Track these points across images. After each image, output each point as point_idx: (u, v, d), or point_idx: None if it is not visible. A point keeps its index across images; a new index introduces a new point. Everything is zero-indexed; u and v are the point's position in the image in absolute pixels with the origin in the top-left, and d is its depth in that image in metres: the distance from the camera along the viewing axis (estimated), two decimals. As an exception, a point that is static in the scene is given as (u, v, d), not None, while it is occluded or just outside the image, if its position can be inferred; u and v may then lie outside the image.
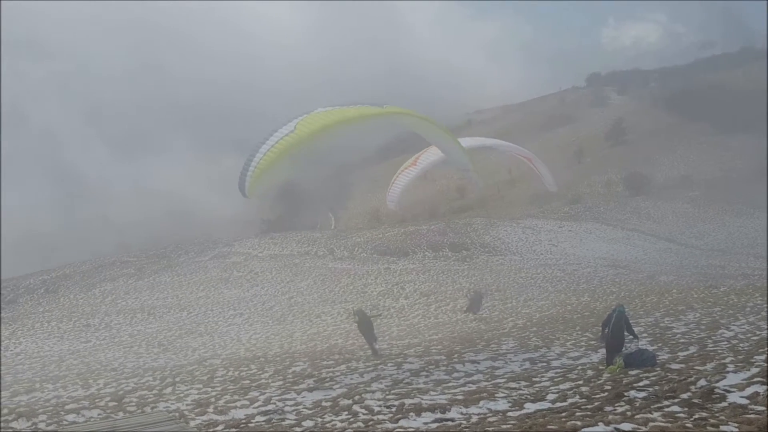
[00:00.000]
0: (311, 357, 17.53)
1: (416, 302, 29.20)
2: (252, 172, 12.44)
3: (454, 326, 22.78)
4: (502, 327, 21.23)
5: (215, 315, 29.56)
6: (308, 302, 31.29)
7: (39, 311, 36.30)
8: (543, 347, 16.18)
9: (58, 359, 21.66)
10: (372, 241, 50.26)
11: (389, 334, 22.05)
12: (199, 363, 18.42)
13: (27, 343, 25.79)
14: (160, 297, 36.08)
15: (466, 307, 25.62)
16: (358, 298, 31.53)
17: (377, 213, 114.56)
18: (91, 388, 15.75)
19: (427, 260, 44.19)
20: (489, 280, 34.87)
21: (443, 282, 34.65)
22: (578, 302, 26.41)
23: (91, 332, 27.45)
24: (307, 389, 13.34)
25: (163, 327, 27.35)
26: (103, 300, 37.08)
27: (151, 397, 14.05)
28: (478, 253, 45.49)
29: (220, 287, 37.30)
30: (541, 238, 49.35)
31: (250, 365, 16.96)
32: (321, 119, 12.52)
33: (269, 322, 26.92)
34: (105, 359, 20.98)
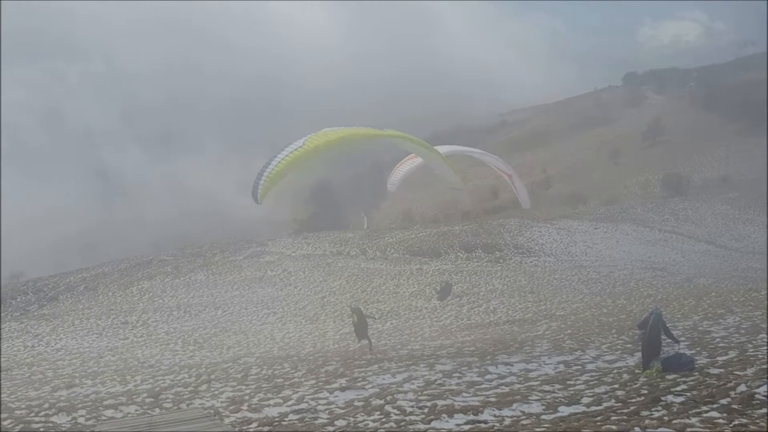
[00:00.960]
0: (343, 357, 17.62)
1: (448, 303, 29.09)
2: (263, 181, 14.18)
3: (486, 328, 22.64)
4: (535, 329, 21.03)
5: (249, 314, 29.89)
6: (340, 302, 31.42)
7: (79, 308, 37.14)
8: (578, 350, 15.98)
9: (97, 355, 22.13)
10: (404, 242, 50.23)
11: (421, 334, 22.03)
12: (233, 361, 18.65)
13: (67, 339, 26.41)
14: (196, 295, 36.62)
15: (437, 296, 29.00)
16: (390, 299, 31.57)
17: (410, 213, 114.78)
18: (128, 384, 16.06)
19: (459, 261, 44.00)
20: (522, 281, 34.59)
21: (476, 283, 34.48)
22: (614, 305, 26.01)
23: (129, 329, 27.98)
24: (339, 389, 13.41)
25: (198, 325, 27.75)
26: (140, 298, 37.78)
27: (187, 394, 14.27)
28: (511, 255, 45.12)
29: (254, 286, 37.69)
30: (576, 239, 48.73)
31: (284, 364, 17.11)
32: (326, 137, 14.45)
33: (302, 322, 27.11)
34: (142, 356, 21.37)
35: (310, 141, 14.25)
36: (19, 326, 29.99)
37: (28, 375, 18.90)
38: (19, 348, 25.08)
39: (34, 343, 25.94)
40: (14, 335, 27.89)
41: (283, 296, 34.22)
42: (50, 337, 26.98)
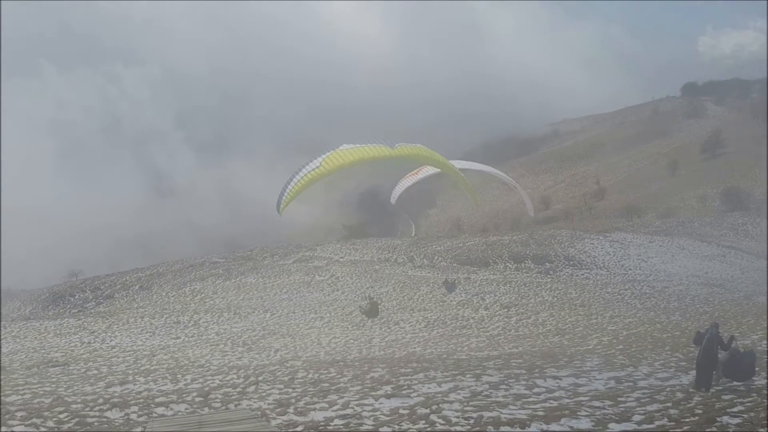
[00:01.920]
0: (389, 364, 17.61)
1: (496, 314, 28.79)
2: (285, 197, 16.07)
3: (535, 340, 22.30)
4: (586, 343, 20.61)
5: (297, 317, 30.18)
6: (387, 309, 31.44)
7: (133, 307, 38.22)
8: (629, 366, 15.60)
9: (150, 354, 22.70)
10: (452, 250, 49.96)
11: (468, 344, 21.85)
12: (280, 364, 18.86)
13: (122, 337, 27.19)
14: (246, 297, 37.21)
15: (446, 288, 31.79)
16: (436, 307, 31.43)
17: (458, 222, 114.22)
18: (179, 382, 16.41)
19: (508, 271, 43.51)
20: (573, 294, 33.96)
21: (525, 294, 34.02)
22: (668, 321, 25.29)
23: (181, 329, 28.61)
24: (384, 396, 13.41)
25: (247, 327, 28.17)
26: (192, 298, 38.61)
27: (235, 394, 14.50)
28: (562, 266, 44.35)
29: (303, 290, 38.07)
30: (630, 252, 47.56)
31: (330, 369, 17.21)
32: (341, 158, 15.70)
33: (349, 327, 27.23)
34: (193, 356, 21.81)
35: (326, 161, 15.59)
36: (76, 323, 31.02)
37: (84, 370, 19.52)
38: (76, 344, 25.92)
39: (90, 339, 26.76)
40: (72, 331, 28.85)
41: (331, 301, 34.45)
42: (106, 334, 27.80)
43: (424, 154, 17.45)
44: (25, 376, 18.44)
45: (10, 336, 28.00)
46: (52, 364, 20.87)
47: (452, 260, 47.21)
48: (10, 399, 14.53)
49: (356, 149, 15.85)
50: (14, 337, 27.81)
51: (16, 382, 17.30)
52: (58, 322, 31.75)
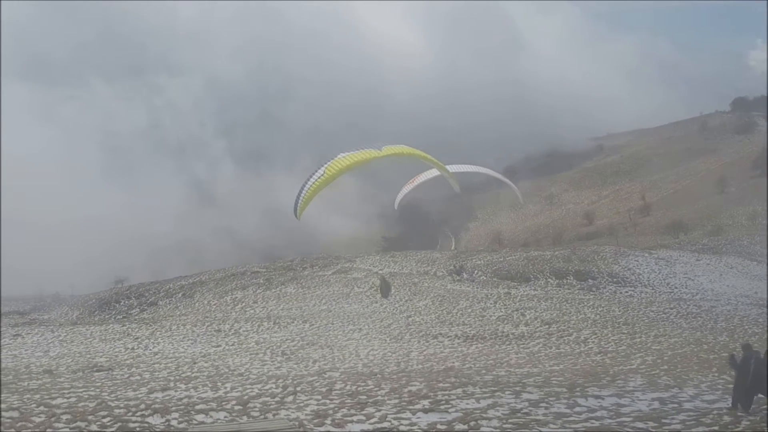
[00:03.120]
0: (427, 378, 17.49)
1: (537, 330, 28.36)
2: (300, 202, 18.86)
3: (576, 358, 21.88)
4: (629, 363, 20.13)
5: (335, 328, 30.26)
6: (426, 322, 31.30)
7: (176, 314, 38.89)
8: (674, 387, 15.18)
9: (191, 361, 23.02)
10: (492, 264, 49.50)
11: (507, 361, 21.55)
12: (318, 374, 18.92)
13: (164, 344, 27.65)
14: (285, 308, 37.51)
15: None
16: (476, 322, 31.14)
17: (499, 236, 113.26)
18: (219, 390, 16.60)
19: (549, 287, 42.87)
20: (616, 312, 33.25)
21: (566, 311, 33.45)
22: (715, 342, 24.53)
23: (222, 337, 28.97)
24: (422, 410, 13.33)
25: (286, 337, 28.36)
26: (233, 307, 39.11)
27: (274, 404, 14.59)
28: (605, 283, 43.51)
29: (341, 301, 38.18)
30: (676, 270, 46.39)
31: (368, 381, 17.19)
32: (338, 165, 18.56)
33: (387, 340, 27.16)
34: (233, 364, 22.04)
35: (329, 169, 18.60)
36: (121, 328, 31.72)
37: (128, 376, 19.91)
38: (120, 349, 26.47)
39: (133, 345, 27.30)
40: (116, 337, 29.49)
41: (369, 313, 34.46)
42: (149, 341, 28.32)
43: (407, 151, 20.26)
44: (71, 380, 18.90)
45: (58, 340, 28.78)
46: (97, 368, 21.34)
47: (492, 274, 46.78)
48: (57, 402, 14.90)
49: (351, 155, 18.77)
50: (61, 341, 28.56)
51: (62, 385, 17.74)
52: (103, 327, 32.51)
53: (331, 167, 18.42)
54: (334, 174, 18.32)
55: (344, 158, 18.57)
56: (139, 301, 47.98)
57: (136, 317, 41.67)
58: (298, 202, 18.72)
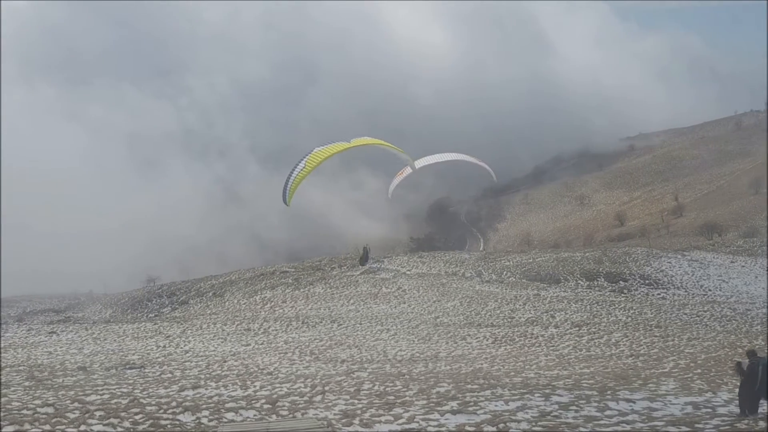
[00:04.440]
0: (455, 379, 17.43)
1: (567, 332, 28.05)
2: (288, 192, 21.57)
3: (607, 361, 21.60)
4: (661, 366, 19.80)
5: (363, 329, 30.31)
6: (454, 323, 31.19)
7: (207, 313, 39.34)
8: (708, 391, 14.89)
9: (221, 359, 23.26)
10: (521, 266, 49.11)
11: (536, 363, 21.37)
12: (347, 374, 18.97)
13: (195, 342, 27.99)
14: (314, 307, 37.68)
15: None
16: (505, 323, 30.93)
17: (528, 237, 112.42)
18: (248, 389, 16.75)
19: (580, 289, 42.38)
20: (648, 314, 32.73)
21: (597, 313, 33.03)
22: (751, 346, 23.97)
23: (251, 336, 29.22)
24: (450, 411, 13.28)
25: (315, 336, 28.50)
26: (263, 306, 39.41)
27: (302, 403, 14.67)
28: (637, 285, 42.87)
29: (369, 302, 38.22)
30: (710, 272, 45.50)
31: (396, 381, 17.18)
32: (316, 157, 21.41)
33: (414, 340, 27.12)
34: (262, 363, 22.21)
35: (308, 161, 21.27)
36: (153, 327, 32.20)
37: (159, 373, 20.20)
38: (152, 347, 26.86)
39: (165, 343, 27.68)
40: (148, 335, 29.95)
41: (397, 314, 34.45)
42: (180, 339, 28.69)
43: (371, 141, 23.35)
44: (104, 377, 19.24)
45: (91, 338, 29.33)
46: (130, 366, 21.69)
47: (521, 276, 46.41)
48: (90, 398, 15.18)
49: (325, 148, 21.64)
50: (95, 339, 29.10)
51: (96, 382, 18.07)
52: (136, 325, 33.04)
53: (311, 160, 21.23)
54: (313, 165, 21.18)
55: (320, 151, 21.43)
56: (171, 300, 48.69)
57: (168, 316, 42.25)
58: (286, 191, 21.57)
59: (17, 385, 17.14)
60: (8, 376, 19.08)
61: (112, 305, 52.43)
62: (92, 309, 52.60)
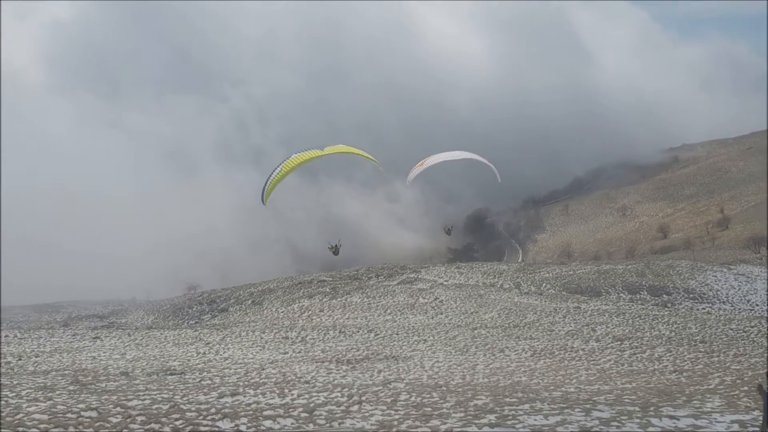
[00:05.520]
0: (493, 392, 17.23)
1: (608, 346, 27.50)
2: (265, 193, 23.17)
3: (650, 376, 21.09)
4: (706, 382, 19.24)
5: (400, 339, 30.25)
6: (492, 335, 30.87)
7: (246, 321, 39.78)
8: (755, 410, 14.41)
9: (259, 367, 23.45)
10: (561, 278, 48.44)
11: (577, 377, 20.98)
12: (383, 385, 18.93)
13: (234, 349, 28.30)
14: (351, 317, 37.78)
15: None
16: (543, 336, 30.49)
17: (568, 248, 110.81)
18: (286, 397, 16.84)
19: (621, 302, 41.57)
20: (693, 329, 31.88)
21: (639, 327, 32.31)
22: (775, 367, 23.15)
23: (289, 344, 29.42)
24: (488, 425, 13.13)
25: (352, 346, 28.55)
26: (300, 315, 39.69)
27: (339, 412, 14.68)
28: (681, 299, 41.87)
29: (406, 312, 38.15)
30: (757, 287, 44.17)
31: (432, 393, 17.07)
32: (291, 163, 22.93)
33: (452, 352, 26.93)
34: (299, 371, 22.32)
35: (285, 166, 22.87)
36: (193, 333, 32.69)
37: (199, 380, 20.47)
38: (192, 354, 27.24)
39: (205, 350, 28.05)
40: (189, 341, 30.41)
41: (434, 324, 34.29)
42: (219, 346, 29.04)
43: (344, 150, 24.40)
44: (146, 383, 19.58)
45: (134, 343, 29.92)
46: (170, 372, 22.03)
47: (561, 288, 45.77)
48: (132, 403, 15.46)
49: (301, 155, 23.21)
50: (137, 344, 29.67)
51: (138, 387, 18.40)
52: (176, 332, 33.59)
53: (287, 165, 22.96)
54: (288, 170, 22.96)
55: (296, 157, 23.12)
56: (211, 308, 49.41)
57: (208, 323, 42.86)
58: (264, 192, 23.24)
59: (62, 389, 17.56)
60: (54, 379, 19.58)
61: (154, 312, 53.44)
62: (135, 315, 53.71)
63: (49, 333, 33.76)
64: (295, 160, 23.09)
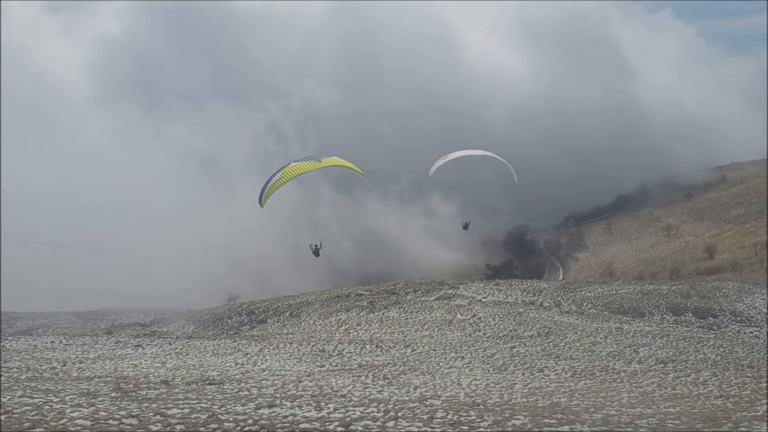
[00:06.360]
0: (532, 412, 16.95)
1: (651, 368, 26.82)
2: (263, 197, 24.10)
3: (695, 401, 20.47)
4: (754, 409, 18.59)
5: (437, 355, 30.03)
6: (531, 354, 30.42)
7: (284, 332, 40.04)
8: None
9: (296, 379, 23.54)
10: (603, 297, 47.52)
11: (618, 399, 20.50)
12: (420, 401, 18.79)
13: (272, 361, 28.48)
14: (388, 331, 37.70)
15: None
16: (584, 357, 29.90)
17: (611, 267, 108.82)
18: (322, 410, 16.85)
19: (665, 324, 40.53)
20: (740, 353, 30.87)
21: (684, 350, 31.44)
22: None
23: (326, 357, 29.48)
24: (526, 445, 12.90)
25: (388, 360, 28.44)
26: (338, 328, 39.78)
27: (375, 428, 14.62)
28: (727, 322, 40.63)
29: (444, 328, 37.89)
30: (810, 311, 42.59)
31: (470, 411, 16.87)
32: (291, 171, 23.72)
33: (489, 370, 26.61)
34: (336, 385, 22.34)
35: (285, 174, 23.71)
36: (232, 344, 33.04)
37: (237, 390, 20.65)
38: (231, 364, 27.51)
39: (243, 361, 28.30)
40: (227, 352, 30.73)
41: (472, 341, 33.96)
42: (257, 357, 29.27)
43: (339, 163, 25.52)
44: (185, 392, 19.83)
45: (174, 352, 30.38)
46: (209, 381, 22.28)
47: (603, 308, 44.90)
48: (172, 412, 15.68)
49: (299, 165, 24.07)
50: (178, 353, 30.12)
51: (177, 396, 18.65)
52: (216, 342, 34.00)
53: (286, 174, 23.87)
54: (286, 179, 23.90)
55: (295, 167, 23.92)
56: (250, 318, 49.93)
57: (246, 334, 43.27)
58: (262, 196, 24.13)
59: (104, 396, 17.91)
60: (96, 386, 19.99)
61: (194, 321, 54.23)
62: (176, 324, 54.58)
63: (92, 340, 34.53)
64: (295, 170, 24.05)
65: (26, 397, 16.64)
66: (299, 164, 24.22)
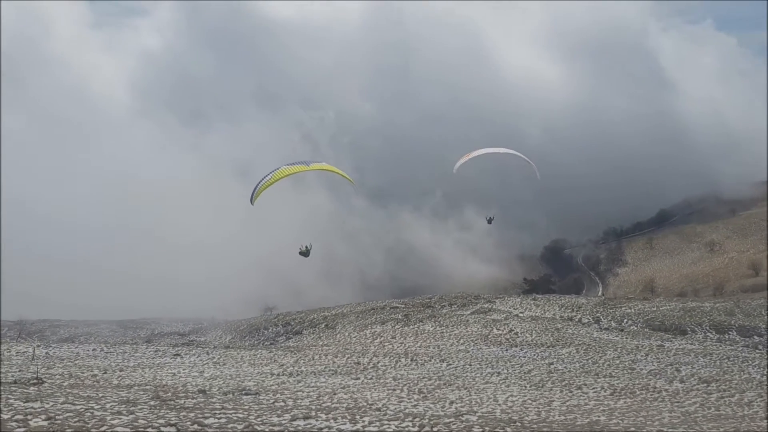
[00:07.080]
0: (570, 430, 16.64)
1: (693, 388, 26.10)
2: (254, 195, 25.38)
3: (739, 422, 19.84)
4: (804, 433, 17.92)
5: (473, 370, 29.73)
6: (569, 371, 29.89)
7: (319, 344, 40.17)
8: None
9: (331, 392, 23.58)
10: (644, 314, 46.52)
11: (659, 419, 19.99)
12: (455, 417, 18.61)
13: (307, 372, 28.59)
14: (423, 345, 37.50)
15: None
16: (624, 375, 29.26)
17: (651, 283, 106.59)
18: (357, 423, 16.82)
19: (708, 342, 39.44)
20: (788, 374, 29.83)
21: (728, 369, 30.52)
22: None
23: (361, 370, 29.45)
24: (564, 464, 12.65)
25: (423, 375, 28.28)
26: (372, 341, 39.73)
27: (410, 442, 14.52)
28: (774, 341, 39.31)
29: (480, 343, 37.54)
30: None
31: (506, 428, 16.65)
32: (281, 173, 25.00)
33: (526, 386, 26.23)
34: (371, 398, 22.29)
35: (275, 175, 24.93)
36: (268, 354, 33.27)
37: (272, 401, 20.77)
38: (267, 375, 27.71)
39: (279, 372, 28.47)
40: (264, 362, 30.96)
41: (508, 357, 33.55)
42: (293, 368, 29.41)
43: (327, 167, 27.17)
44: (222, 401, 20.02)
45: (212, 362, 30.74)
46: (246, 392, 22.46)
47: (644, 325, 43.95)
48: (209, 421, 15.84)
49: (289, 167, 25.31)
50: (215, 363, 30.46)
51: (214, 406, 18.84)
52: (252, 352, 34.28)
53: (276, 175, 25.07)
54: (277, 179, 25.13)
55: (285, 169, 25.15)
56: (286, 329, 50.24)
57: (282, 345, 43.54)
58: (253, 194, 25.38)
59: (143, 404, 18.18)
60: (136, 394, 20.33)
61: (231, 331, 54.82)
62: (214, 334, 55.24)
63: (133, 348, 35.16)
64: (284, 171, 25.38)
65: (68, 403, 17.00)
66: (289, 167, 25.75)
